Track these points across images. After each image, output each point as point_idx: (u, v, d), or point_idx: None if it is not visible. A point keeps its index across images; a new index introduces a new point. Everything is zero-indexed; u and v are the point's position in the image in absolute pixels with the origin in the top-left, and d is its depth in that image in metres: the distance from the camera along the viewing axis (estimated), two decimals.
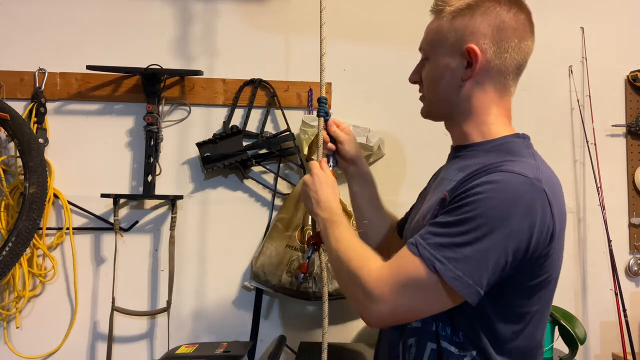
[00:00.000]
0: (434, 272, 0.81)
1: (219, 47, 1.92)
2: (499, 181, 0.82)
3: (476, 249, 0.80)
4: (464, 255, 0.80)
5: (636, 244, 1.99)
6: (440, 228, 0.84)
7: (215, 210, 1.89)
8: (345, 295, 0.97)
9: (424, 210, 0.98)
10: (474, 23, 0.93)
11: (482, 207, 0.81)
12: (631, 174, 2.01)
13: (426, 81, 1.01)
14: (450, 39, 0.94)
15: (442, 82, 0.97)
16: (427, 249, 0.82)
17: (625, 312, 1.81)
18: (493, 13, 0.93)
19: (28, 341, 1.82)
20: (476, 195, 0.82)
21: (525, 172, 0.83)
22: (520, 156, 0.90)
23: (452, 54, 0.95)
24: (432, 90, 1.00)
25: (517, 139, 0.96)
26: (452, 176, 0.94)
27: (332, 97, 1.92)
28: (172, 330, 1.82)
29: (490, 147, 0.94)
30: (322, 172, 1.12)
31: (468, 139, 0.99)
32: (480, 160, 0.91)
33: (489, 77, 0.95)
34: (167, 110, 1.91)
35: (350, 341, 1.88)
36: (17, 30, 1.88)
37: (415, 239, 0.85)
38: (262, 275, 1.77)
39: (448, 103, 0.98)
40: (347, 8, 1.93)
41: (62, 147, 1.86)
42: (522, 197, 0.81)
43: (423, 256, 0.82)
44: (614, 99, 2.03)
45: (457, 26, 0.94)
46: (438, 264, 0.81)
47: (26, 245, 1.64)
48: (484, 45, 0.92)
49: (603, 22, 2.03)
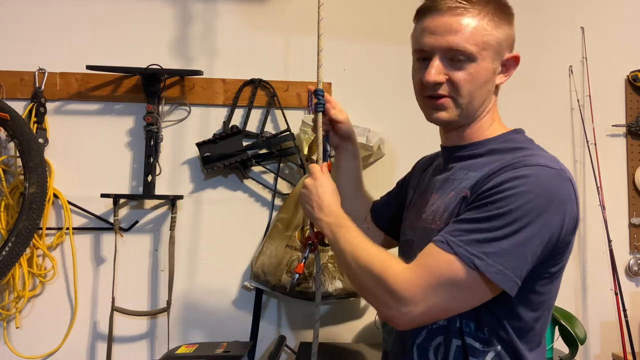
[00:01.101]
0: (473, 269, 0.81)
1: (219, 47, 1.92)
2: (530, 175, 0.84)
3: (514, 242, 0.81)
4: (503, 249, 0.81)
5: (636, 244, 1.99)
6: (472, 224, 0.84)
7: (215, 210, 1.89)
8: (367, 299, 0.96)
9: (436, 210, 0.96)
10: (512, 32, 0.97)
11: (517, 201, 0.81)
12: (631, 174, 2.01)
13: (469, 84, 0.94)
14: (502, 44, 0.95)
15: (487, 87, 0.96)
16: (462, 246, 0.82)
17: (625, 312, 1.81)
18: (513, 23, 0.98)
19: (28, 341, 1.82)
20: (509, 190, 0.82)
21: (551, 164, 0.86)
22: (530, 150, 0.93)
23: (497, 60, 0.96)
24: (474, 93, 0.95)
25: (517, 135, 0.99)
26: (462, 176, 0.95)
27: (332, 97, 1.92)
28: (172, 330, 1.82)
29: (497, 144, 0.96)
30: (323, 176, 1.11)
31: (468, 139, 1.00)
32: (493, 157, 0.93)
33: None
34: (167, 110, 1.91)
35: (350, 341, 1.88)
36: (17, 30, 1.88)
37: (445, 237, 0.84)
38: (262, 275, 1.77)
39: (480, 106, 0.98)
40: (348, 8, 1.94)
41: (62, 147, 1.86)
42: (556, 189, 0.84)
43: (459, 254, 0.81)
44: (614, 99, 2.03)
45: (505, 32, 0.96)
46: (477, 260, 0.80)
47: (26, 245, 1.64)
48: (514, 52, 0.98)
49: (603, 22, 2.03)
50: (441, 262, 0.83)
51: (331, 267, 1.73)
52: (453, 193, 0.94)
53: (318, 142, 1.17)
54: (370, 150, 1.82)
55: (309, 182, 1.11)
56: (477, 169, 0.93)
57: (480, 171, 0.91)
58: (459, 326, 0.90)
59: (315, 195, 1.08)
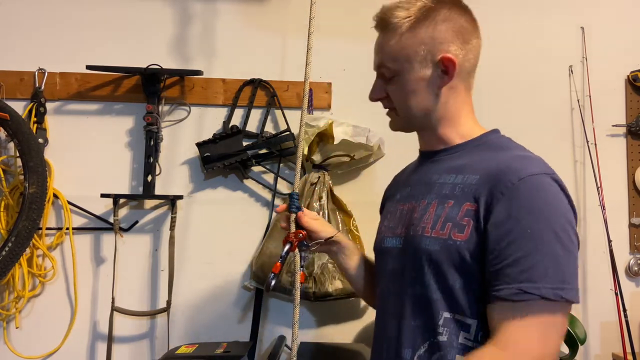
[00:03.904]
0: (560, 302, 0.80)
1: (219, 47, 1.92)
2: (535, 189, 0.84)
3: (566, 256, 0.82)
4: (568, 268, 0.82)
5: (636, 244, 1.98)
6: (526, 262, 0.81)
7: (215, 210, 1.89)
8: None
9: (444, 219, 0.91)
10: (439, 32, 0.94)
11: (542, 220, 0.82)
12: (631, 174, 2.00)
13: (398, 97, 1.00)
14: (421, 52, 0.95)
15: (419, 95, 0.97)
16: (540, 286, 0.79)
17: (625, 312, 1.81)
18: (451, 18, 0.95)
19: (28, 341, 1.82)
20: (529, 214, 0.83)
21: (543, 169, 0.87)
22: (514, 150, 0.95)
23: (425, 66, 0.95)
24: (407, 104, 0.99)
25: (494, 135, 1.01)
26: (450, 180, 0.94)
27: (332, 97, 1.92)
28: (172, 330, 1.82)
29: (476, 146, 0.98)
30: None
31: (447, 142, 1.01)
32: (474, 158, 0.94)
33: (460, 80, 0.98)
34: (167, 110, 1.91)
35: (350, 341, 1.88)
36: (17, 30, 1.88)
37: (513, 287, 0.80)
38: (262, 275, 1.77)
39: (426, 113, 0.99)
40: (348, 8, 1.93)
41: (62, 147, 1.86)
42: (559, 194, 0.86)
43: (544, 295, 0.79)
44: (614, 99, 2.03)
45: (423, 38, 0.94)
46: (561, 292, 0.80)
47: (26, 245, 1.64)
48: (455, 51, 0.95)
49: (603, 22, 2.03)
50: (532, 313, 0.80)
51: (331, 267, 1.73)
52: (451, 202, 0.91)
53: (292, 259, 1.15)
54: (370, 150, 1.82)
55: None
56: (467, 172, 0.92)
57: (474, 173, 0.91)
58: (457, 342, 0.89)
59: None
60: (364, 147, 1.80)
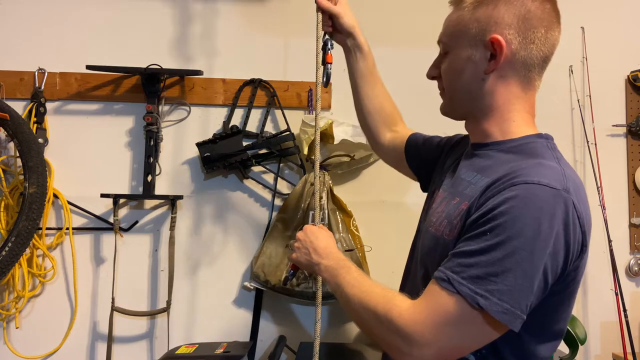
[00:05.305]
0: (478, 309, 0.75)
1: (219, 47, 1.92)
2: (526, 197, 0.76)
3: (518, 275, 0.75)
4: (508, 286, 0.75)
5: (636, 244, 1.98)
6: (471, 258, 0.78)
7: (215, 210, 1.89)
8: (380, 345, 0.90)
9: (440, 214, 0.92)
10: (498, 12, 0.87)
11: (513, 228, 0.75)
12: (631, 174, 2.00)
13: (446, 75, 0.95)
14: (473, 29, 0.89)
15: (464, 76, 0.91)
16: (465, 284, 0.76)
17: (625, 312, 1.81)
18: (518, 2, 0.88)
19: (28, 341, 1.82)
20: (503, 216, 0.76)
21: (552, 182, 0.78)
22: (542, 158, 0.85)
23: (474, 46, 0.89)
24: (453, 84, 0.94)
25: (539, 140, 0.91)
26: (470, 178, 0.90)
27: (332, 97, 1.92)
28: (172, 330, 1.82)
29: (510, 147, 0.89)
30: (315, 227, 1.12)
31: (488, 137, 0.93)
32: (499, 161, 0.88)
33: (513, 70, 0.89)
34: (167, 110, 1.91)
35: (350, 341, 1.88)
36: (17, 30, 1.88)
37: (446, 273, 0.79)
38: (262, 275, 1.77)
39: (469, 98, 0.92)
40: None
41: (62, 147, 1.86)
42: (554, 214, 0.76)
43: (462, 293, 0.76)
44: (614, 99, 2.03)
45: (479, 16, 0.88)
46: (482, 300, 0.75)
47: (26, 245, 1.64)
48: (509, 35, 0.87)
49: (603, 22, 2.03)
50: (446, 302, 0.78)
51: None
52: (457, 199, 0.89)
53: (315, 205, 1.19)
54: (370, 150, 1.82)
55: (300, 234, 1.10)
56: (485, 173, 0.87)
57: (488, 177, 0.85)
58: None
59: (308, 242, 1.07)
60: (364, 147, 1.80)
